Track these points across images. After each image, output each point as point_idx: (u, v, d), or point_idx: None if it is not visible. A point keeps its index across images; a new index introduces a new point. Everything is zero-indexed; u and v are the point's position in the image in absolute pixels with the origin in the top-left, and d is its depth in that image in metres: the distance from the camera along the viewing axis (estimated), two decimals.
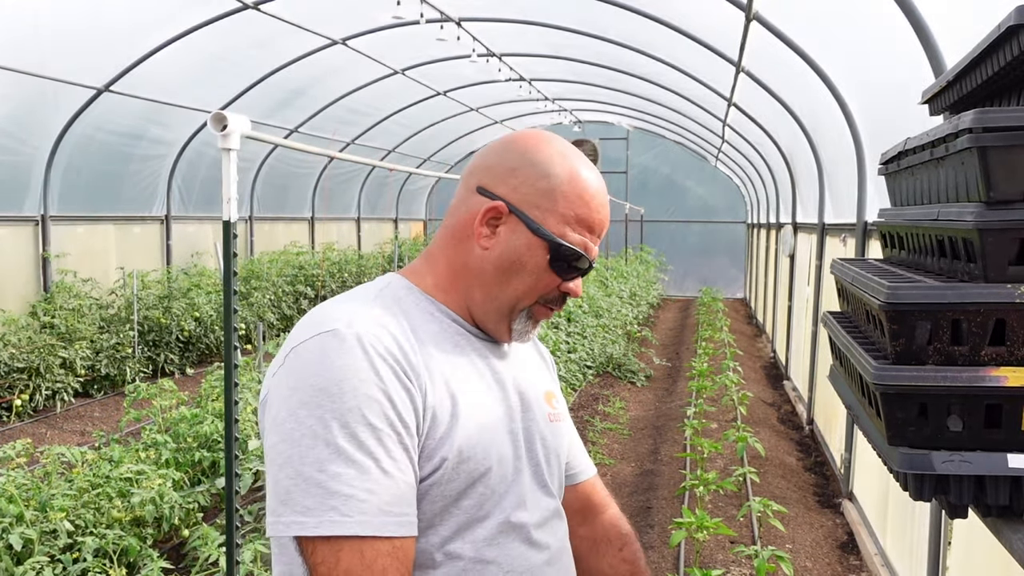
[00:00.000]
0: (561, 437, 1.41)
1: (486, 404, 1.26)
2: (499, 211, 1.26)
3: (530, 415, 1.33)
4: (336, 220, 15.96)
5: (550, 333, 7.75)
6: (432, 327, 1.27)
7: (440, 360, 1.23)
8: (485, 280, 1.28)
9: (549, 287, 1.29)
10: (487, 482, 1.22)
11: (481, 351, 1.32)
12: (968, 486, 1.11)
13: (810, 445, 6.86)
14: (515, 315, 1.30)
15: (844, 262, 1.58)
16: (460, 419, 1.20)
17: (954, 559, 3.28)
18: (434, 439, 1.18)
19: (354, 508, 1.08)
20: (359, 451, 1.10)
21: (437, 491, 1.18)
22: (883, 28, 4.06)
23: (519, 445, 1.29)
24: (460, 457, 1.18)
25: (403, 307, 1.26)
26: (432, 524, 1.19)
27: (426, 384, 1.18)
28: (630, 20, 8.51)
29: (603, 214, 1.30)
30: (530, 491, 1.29)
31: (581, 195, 1.27)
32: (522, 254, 1.26)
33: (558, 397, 1.45)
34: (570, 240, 1.26)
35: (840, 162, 6.22)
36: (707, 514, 3.98)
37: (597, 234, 1.30)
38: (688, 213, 18.59)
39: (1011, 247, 1.08)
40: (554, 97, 15.11)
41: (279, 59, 9.90)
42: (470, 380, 1.26)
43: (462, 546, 1.21)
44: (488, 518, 1.23)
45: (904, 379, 1.11)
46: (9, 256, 8.44)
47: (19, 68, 7.44)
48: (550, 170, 1.26)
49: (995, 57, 1.18)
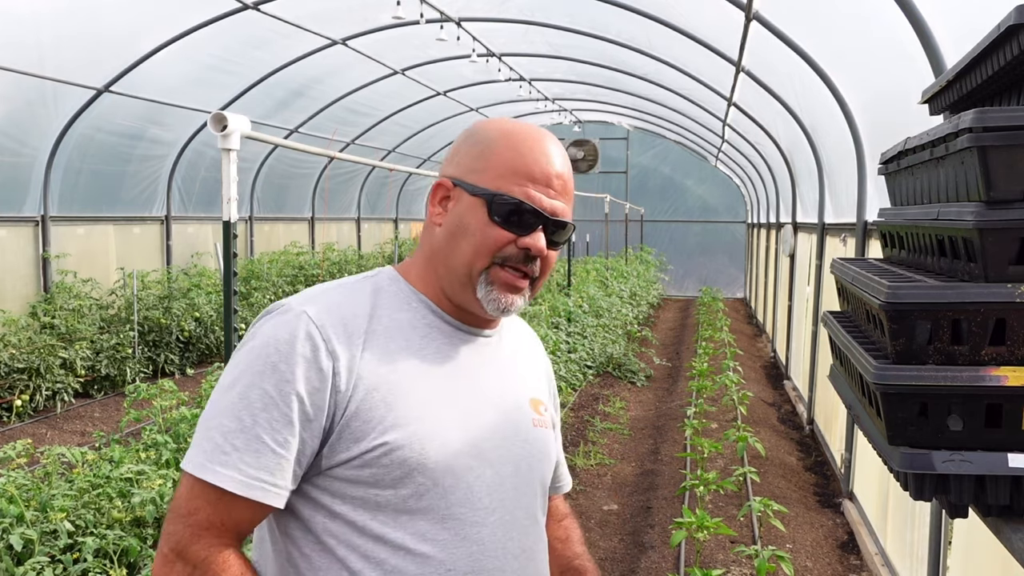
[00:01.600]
0: (545, 444, 1.39)
1: (438, 395, 1.26)
2: (445, 187, 1.32)
3: (504, 414, 1.33)
4: (336, 220, 15.96)
5: (550, 333, 7.75)
6: (403, 316, 1.30)
7: (394, 348, 1.25)
8: (443, 254, 1.31)
9: (498, 243, 1.27)
10: (428, 474, 1.21)
11: (455, 343, 1.32)
12: (968, 485, 1.11)
13: (810, 445, 6.86)
14: (475, 282, 1.28)
15: (844, 262, 1.58)
16: (397, 408, 1.21)
17: (954, 559, 3.28)
18: (366, 423, 1.20)
19: (217, 459, 1.17)
20: (244, 412, 1.18)
21: (369, 474, 1.20)
22: (883, 28, 4.06)
23: (480, 442, 1.28)
24: (393, 444, 1.20)
25: (378, 296, 1.30)
26: (368, 507, 1.21)
27: (357, 370, 1.21)
28: (630, 20, 8.51)
29: (543, 162, 1.29)
30: (491, 490, 1.27)
31: (516, 148, 1.29)
32: (464, 215, 1.29)
33: (547, 407, 1.44)
34: (508, 191, 1.27)
35: (840, 162, 6.22)
36: (707, 514, 3.98)
37: (543, 183, 1.29)
38: (688, 213, 18.59)
39: (1011, 247, 1.08)
40: (554, 97, 15.11)
41: (279, 59, 9.90)
42: (427, 372, 1.26)
43: (402, 536, 1.21)
44: (431, 511, 1.22)
45: (904, 379, 1.11)
46: (9, 257, 8.44)
47: (19, 68, 7.44)
48: (485, 137, 1.32)
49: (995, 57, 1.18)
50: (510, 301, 1.30)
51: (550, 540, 1.53)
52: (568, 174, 1.33)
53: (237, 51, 9.28)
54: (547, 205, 1.28)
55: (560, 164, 1.31)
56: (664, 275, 17.22)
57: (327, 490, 1.22)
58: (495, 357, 1.37)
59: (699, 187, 18.50)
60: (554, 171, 1.30)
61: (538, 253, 1.29)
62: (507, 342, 1.43)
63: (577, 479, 5.87)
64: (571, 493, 5.58)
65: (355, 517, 1.21)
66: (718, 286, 17.29)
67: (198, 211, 11.53)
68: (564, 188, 1.31)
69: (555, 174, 1.30)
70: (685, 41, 8.18)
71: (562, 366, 7.65)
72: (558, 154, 1.32)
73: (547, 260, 1.33)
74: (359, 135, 14.00)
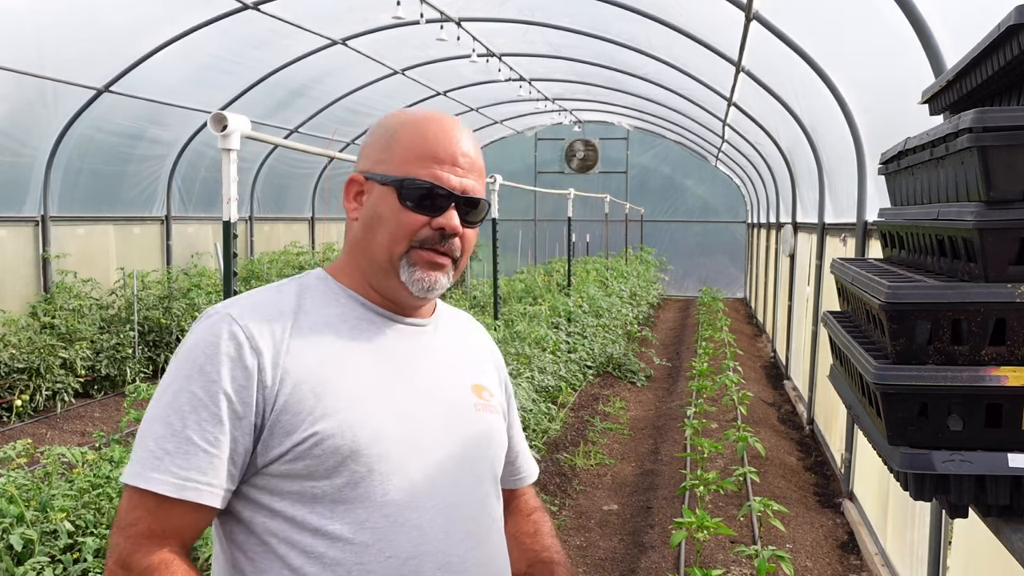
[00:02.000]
0: (489, 428, 1.40)
1: (369, 385, 1.27)
2: (357, 182, 1.36)
3: (441, 400, 1.34)
4: (336, 220, 15.96)
5: (550, 333, 7.75)
6: (331, 311, 1.32)
7: (322, 342, 1.27)
8: (363, 245, 1.34)
9: (413, 227, 1.30)
10: (362, 461, 1.22)
11: (386, 334, 1.34)
12: (968, 486, 1.11)
13: (810, 445, 6.86)
14: (397, 266, 1.31)
15: (844, 262, 1.58)
16: (326, 399, 1.22)
17: (955, 559, 3.28)
18: (295, 416, 1.21)
19: (149, 465, 1.18)
20: (174, 416, 1.20)
21: (303, 467, 1.21)
22: (883, 27, 4.05)
23: (416, 427, 1.28)
24: (323, 434, 1.21)
25: (305, 294, 1.33)
26: (305, 501, 1.22)
27: (283, 364, 1.23)
28: (630, 20, 8.51)
29: (446, 142, 1.31)
30: (429, 476, 1.28)
31: (418, 132, 1.32)
32: (377, 205, 1.32)
33: (493, 393, 1.45)
34: (415, 175, 1.29)
35: (840, 162, 6.22)
36: (707, 514, 3.98)
37: (449, 163, 1.31)
38: (688, 213, 18.59)
39: (1011, 247, 1.08)
40: (554, 97, 15.11)
41: (279, 59, 9.90)
42: (357, 363, 1.28)
43: (340, 527, 1.22)
44: (368, 498, 1.23)
45: (904, 379, 1.11)
46: (9, 257, 8.44)
47: (19, 68, 7.44)
48: (389, 127, 1.35)
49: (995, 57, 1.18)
50: (434, 279, 1.32)
51: (519, 535, 1.54)
52: (475, 153, 1.35)
53: (237, 51, 9.28)
54: (455, 184, 1.31)
55: (465, 143, 1.34)
56: (664, 275, 17.22)
57: (265, 488, 1.23)
58: (431, 345, 1.39)
59: (699, 187, 18.50)
60: (459, 150, 1.32)
61: (452, 231, 1.31)
62: (445, 331, 1.44)
63: (577, 479, 5.87)
64: (571, 493, 5.58)
65: (293, 513, 1.22)
66: (718, 286, 17.28)
67: (198, 211, 11.52)
68: (471, 166, 1.33)
69: (460, 153, 1.32)
70: (685, 41, 8.18)
71: (562, 366, 7.65)
72: (462, 134, 1.34)
73: (465, 238, 1.34)
74: (359, 135, 14.00)
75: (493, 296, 7.26)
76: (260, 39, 9.10)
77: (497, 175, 6.58)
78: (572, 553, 4.68)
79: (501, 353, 1.62)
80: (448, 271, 1.33)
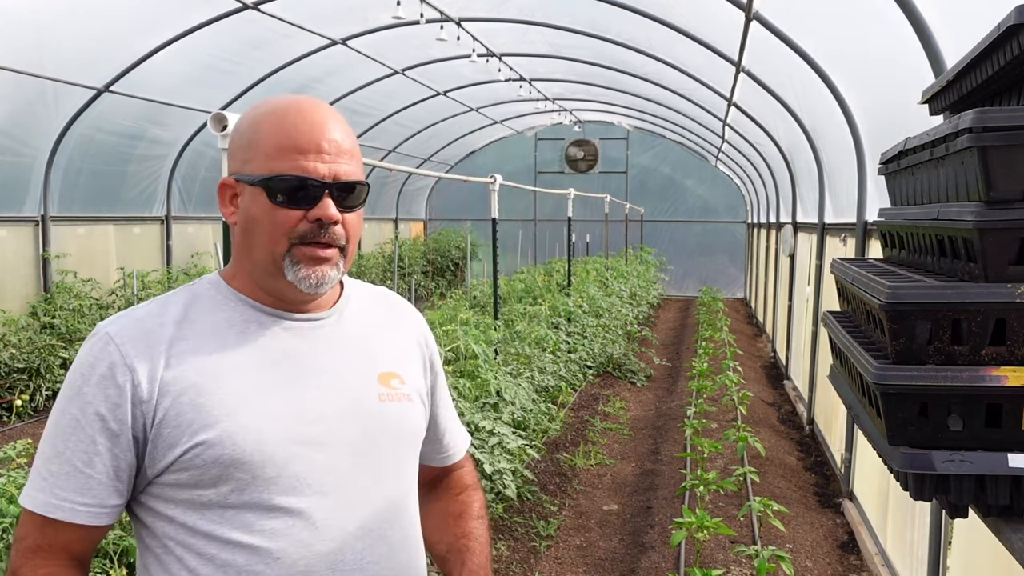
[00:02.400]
0: (399, 418, 1.38)
1: (255, 389, 1.26)
2: (229, 185, 1.33)
3: (338, 395, 1.32)
4: None
5: (550, 333, 7.74)
6: (220, 316, 1.31)
7: (206, 350, 1.27)
8: (245, 249, 1.32)
9: (289, 223, 1.27)
10: (245, 468, 1.22)
11: (277, 334, 1.32)
12: (968, 486, 1.11)
13: (810, 445, 6.86)
14: (281, 267, 1.28)
15: (844, 262, 1.58)
16: (206, 409, 1.23)
17: (954, 559, 3.28)
18: (176, 428, 1.22)
19: (36, 485, 1.23)
20: (58, 438, 1.24)
21: (189, 477, 1.23)
22: (883, 27, 4.05)
23: (307, 426, 1.27)
24: (205, 445, 1.21)
25: (194, 302, 1.32)
26: (195, 508, 1.24)
27: (161, 378, 1.23)
28: (630, 20, 8.51)
29: (307, 130, 1.27)
30: (322, 474, 1.27)
31: (278, 125, 1.28)
32: (249, 207, 1.29)
33: (404, 377, 1.42)
34: (280, 171, 1.26)
35: (840, 162, 6.22)
36: (707, 514, 3.98)
37: (314, 151, 1.27)
38: (688, 213, 18.59)
39: (1011, 247, 1.08)
40: (554, 97, 15.11)
41: (279, 59, 9.90)
42: (243, 367, 1.27)
43: (229, 531, 1.23)
44: (255, 503, 1.23)
45: (904, 379, 1.11)
46: (9, 256, 8.44)
47: (19, 68, 7.44)
48: (250, 125, 1.31)
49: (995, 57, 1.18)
50: (321, 274, 1.29)
51: (445, 515, 1.53)
52: (342, 135, 1.30)
53: (237, 51, 9.29)
54: (324, 172, 1.27)
55: (330, 127, 1.29)
56: (664, 275, 17.22)
57: (160, 497, 1.26)
58: (330, 338, 1.36)
59: (699, 187, 18.49)
60: (323, 136, 1.28)
61: (328, 221, 1.27)
62: (352, 319, 1.41)
63: (577, 479, 5.87)
64: (571, 493, 5.58)
65: (186, 519, 1.25)
66: (718, 286, 17.27)
67: (198, 211, 11.52)
68: (339, 150, 1.29)
69: (324, 139, 1.28)
70: (685, 41, 8.18)
71: (562, 366, 7.65)
72: (326, 119, 1.30)
73: (348, 224, 1.31)
74: (359, 135, 13.98)
75: (493, 296, 7.26)
76: (260, 39, 9.10)
77: (497, 175, 6.58)
78: (572, 553, 4.68)
79: (429, 328, 1.58)
80: (336, 262, 1.31)
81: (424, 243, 17.89)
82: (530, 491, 5.33)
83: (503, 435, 4.73)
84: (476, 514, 1.55)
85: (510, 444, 4.72)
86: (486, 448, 4.56)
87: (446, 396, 1.57)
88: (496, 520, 4.83)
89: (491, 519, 4.76)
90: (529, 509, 5.14)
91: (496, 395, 5.50)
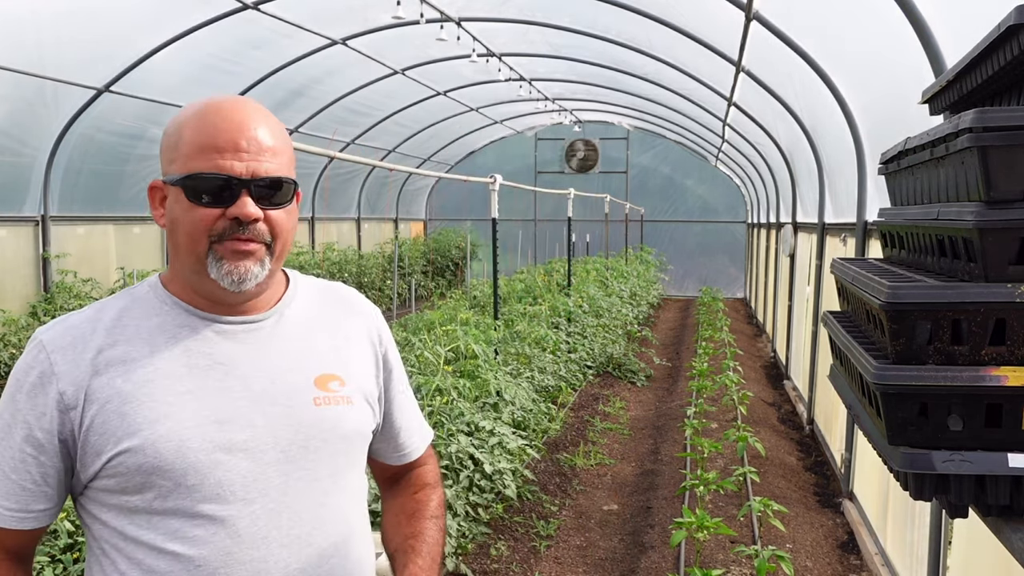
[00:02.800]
0: (335, 422, 1.35)
1: (180, 396, 1.26)
2: (157, 188, 1.33)
3: (268, 400, 1.30)
4: (336, 220, 15.96)
5: (550, 333, 7.74)
6: (152, 321, 1.31)
7: (135, 357, 1.27)
8: (174, 250, 1.32)
9: (207, 222, 1.26)
10: (167, 475, 1.23)
11: (208, 338, 1.31)
12: (968, 485, 1.11)
13: (810, 445, 6.86)
14: (205, 265, 1.27)
15: (844, 262, 1.58)
16: (129, 416, 1.23)
17: (954, 559, 3.28)
18: (101, 435, 1.23)
19: None
20: None
21: (115, 483, 1.24)
22: (883, 27, 4.06)
23: (233, 433, 1.26)
24: (130, 452, 1.22)
25: (131, 307, 1.32)
26: (124, 513, 1.25)
27: (88, 386, 1.24)
28: (630, 20, 8.51)
29: (225, 128, 1.26)
30: (247, 481, 1.26)
31: (197, 126, 1.27)
32: (173, 208, 1.29)
33: (346, 379, 1.39)
34: (197, 169, 1.25)
35: (840, 161, 6.22)
36: (707, 514, 3.98)
37: (231, 149, 1.26)
38: (688, 213, 18.58)
39: (1011, 246, 1.08)
40: (554, 97, 15.11)
41: (279, 59, 9.90)
42: (170, 374, 1.27)
43: (154, 537, 1.24)
44: (179, 510, 1.24)
45: (904, 379, 1.11)
46: (9, 256, 8.44)
47: (19, 68, 7.45)
48: (175, 127, 1.31)
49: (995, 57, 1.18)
50: (245, 270, 1.27)
51: (398, 514, 1.52)
52: (266, 133, 1.29)
53: (237, 51, 9.29)
54: (240, 169, 1.25)
55: (251, 126, 1.28)
56: (664, 275, 17.22)
57: (95, 501, 1.28)
58: (266, 341, 1.34)
59: (699, 187, 18.49)
60: (242, 135, 1.27)
61: (246, 219, 1.26)
62: (292, 320, 1.39)
63: (577, 479, 5.87)
64: (571, 493, 5.58)
65: (117, 524, 1.27)
66: (718, 286, 17.28)
67: None
68: (259, 148, 1.27)
69: (243, 137, 1.26)
70: (686, 41, 8.18)
71: (562, 366, 7.65)
72: (246, 118, 1.28)
73: (273, 222, 1.29)
74: (359, 135, 14.00)
75: (493, 296, 7.26)
76: (260, 39, 9.10)
77: (497, 175, 6.58)
78: (572, 553, 4.68)
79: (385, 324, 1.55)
80: (262, 258, 1.29)
81: (424, 243, 17.89)
82: (530, 491, 5.33)
83: (503, 435, 4.73)
84: (430, 513, 1.52)
85: (510, 444, 4.72)
86: (486, 448, 4.56)
87: (403, 393, 1.54)
88: (496, 520, 4.83)
89: (491, 519, 4.76)
90: (529, 509, 5.14)
91: (496, 395, 5.50)
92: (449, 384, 4.92)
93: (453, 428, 4.55)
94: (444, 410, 4.74)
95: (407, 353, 5.58)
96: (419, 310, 7.46)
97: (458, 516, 4.19)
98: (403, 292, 14.81)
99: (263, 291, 1.36)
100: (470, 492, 4.43)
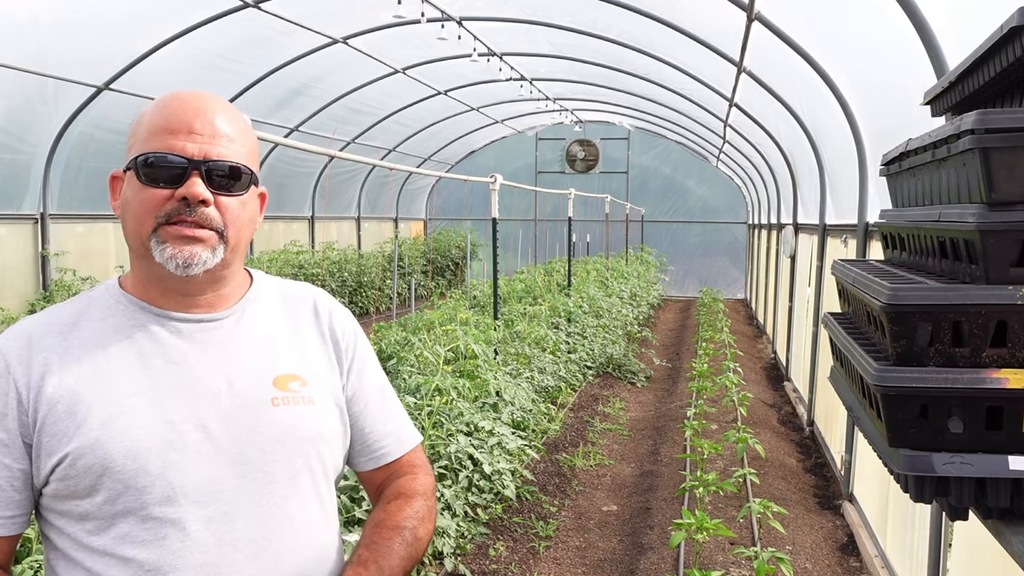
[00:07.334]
0: (292, 423, 1.32)
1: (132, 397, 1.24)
2: (116, 178, 1.33)
3: (225, 401, 1.28)
4: (336, 219, 15.96)
5: (550, 333, 7.74)
6: (108, 322, 1.30)
7: (88, 358, 1.26)
8: (125, 238, 1.31)
9: (154, 202, 1.25)
10: (116, 477, 1.21)
11: (163, 339, 1.29)
12: (969, 488, 1.11)
13: (810, 446, 6.86)
14: (149, 248, 1.26)
15: (845, 263, 1.57)
16: (79, 417, 1.22)
17: (954, 561, 3.27)
18: (52, 436, 1.22)
19: None
20: None
21: (65, 487, 1.23)
22: (885, 28, 4.05)
23: (185, 435, 1.24)
24: (79, 453, 1.21)
25: (88, 308, 1.32)
26: (76, 518, 1.24)
27: (40, 387, 1.23)
28: (631, 20, 8.51)
29: (180, 111, 1.26)
30: (201, 484, 1.24)
31: (156, 112, 1.28)
32: (125, 192, 1.29)
33: (307, 379, 1.36)
34: (148, 149, 1.26)
35: (841, 163, 6.22)
36: (707, 515, 3.97)
37: (184, 131, 1.25)
38: (689, 213, 18.58)
39: (1013, 248, 1.07)
40: (555, 97, 15.11)
41: (280, 58, 9.90)
42: (123, 374, 1.26)
43: (105, 542, 1.22)
44: (129, 513, 1.22)
45: (905, 380, 1.10)
46: (8, 255, 8.44)
47: (19, 66, 7.44)
48: (136, 119, 1.32)
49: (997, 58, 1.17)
50: (189, 253, 1.25)
51: (367, 525, 1.45)
52: (225, 121, 1.28)
53: (237, 49, 9.29)
54: (192, 150, 1.25)
55: (208, 112, 1.27)
56: (664, 276, 17.22)
57: (50, 508, 1.26)
58: (224, 340, 1.32)
59: (700, 188, 18.49)
60: (198, 117, 1.26)
61: (195, 198, 1.24)
62: (253, 318, 1.37)
63: (576, 480, 5.87)
64: (570, 494, 5.57)
65: (71, 530, 1.25)
66: (719, 287, 17.28)
67: None
68: (215, 132, 1.27)
69: (198, 120, 1.26)
70: (687, 41, 8.18)
71: (562, 366, 7.65)
72: (205, 106, 1.28)
73: (225, 208, 1.27)
74: (359, 134, 14.00)
75: (493, 296, 7.26)
76: (261, 37, 9.10)
77: (498, 175, 6.58)
78: (571, 554, 4.68)
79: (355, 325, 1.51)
80: (212, 244, 1.26)
81: (424, 243, 17.88)
82: (529, 491, 5.32)
83: (502, 435, 4.73)
84: (394, 524, 1.42)
85: (509, 444, 4.72)
86: (485, 448, 4.56)
87: (374, 396, 1.49)
88: (495, 520, 4.82)
89: (490, 519, 4.75)
90: (528, 509, 5.14)
91: (496, 395, 5.50)
92: (448, 384, 4.92)
93: (452, 428, 4.55)
94: (443, 410, 4.74)
95: (407, 353, 5.57)
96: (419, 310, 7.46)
97: (457, 516, 4.19)
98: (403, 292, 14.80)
99: (219, 284, 1.33)
100: (469, 492, 4.43)
